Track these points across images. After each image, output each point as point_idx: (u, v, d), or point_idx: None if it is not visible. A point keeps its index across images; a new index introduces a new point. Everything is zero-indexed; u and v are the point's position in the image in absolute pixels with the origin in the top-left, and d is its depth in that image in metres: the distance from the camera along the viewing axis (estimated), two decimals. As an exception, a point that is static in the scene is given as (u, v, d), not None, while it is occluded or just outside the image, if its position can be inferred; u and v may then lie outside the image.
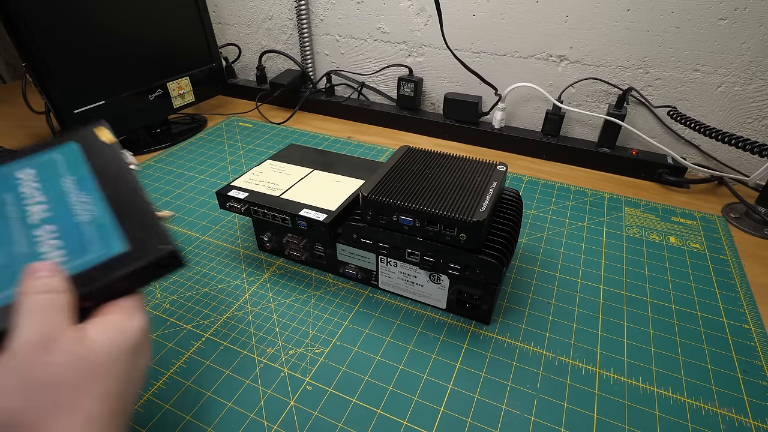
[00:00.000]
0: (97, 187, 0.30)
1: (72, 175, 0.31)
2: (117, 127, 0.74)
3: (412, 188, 0.41)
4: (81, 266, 0.26)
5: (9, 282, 0.24)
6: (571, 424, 0.35)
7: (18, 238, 0.27)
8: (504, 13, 0.72)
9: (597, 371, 0.39)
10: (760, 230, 0.57)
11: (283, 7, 0.90)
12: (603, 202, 0.63)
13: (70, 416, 0.22)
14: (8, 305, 0.23)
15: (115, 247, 0.27)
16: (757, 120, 0.65)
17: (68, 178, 0.31)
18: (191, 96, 0.83)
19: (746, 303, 0.47)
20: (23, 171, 0.31)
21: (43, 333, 0.22)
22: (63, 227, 0.28)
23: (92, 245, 0.27)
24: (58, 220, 0.28)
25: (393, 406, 0.37)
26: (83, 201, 0.30)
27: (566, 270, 0.51)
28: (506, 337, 0.43)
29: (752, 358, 0.41)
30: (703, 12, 0.61)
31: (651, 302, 0.47)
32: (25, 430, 0.21)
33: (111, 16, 0.67)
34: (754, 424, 0.35)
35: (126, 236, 0.28)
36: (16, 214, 0.28)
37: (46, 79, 0.61)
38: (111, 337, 0.24)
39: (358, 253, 0.46)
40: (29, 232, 0.27)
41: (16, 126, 0.86)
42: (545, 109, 0.74)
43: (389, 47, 0.85)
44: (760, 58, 0.61)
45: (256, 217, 0.47)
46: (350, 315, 0.45)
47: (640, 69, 0.68)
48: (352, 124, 0.88)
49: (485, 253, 0.38)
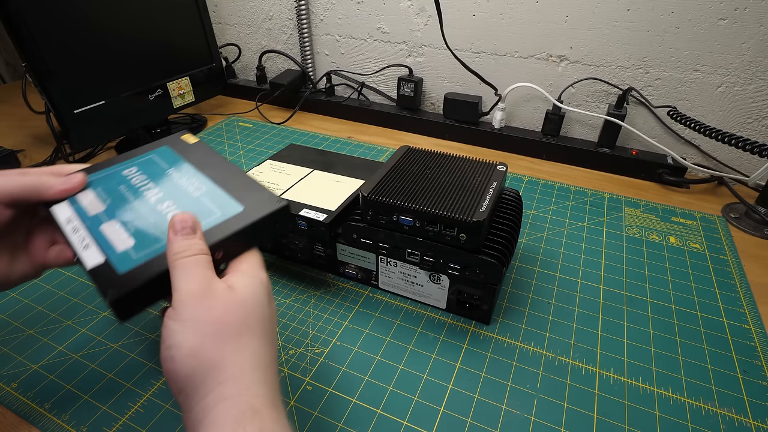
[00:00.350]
0: (199, 172, 0.36)
1: (173, 167, 0.36)
2: (117, 127, 0.74)
3: (412, 188, 0.41)
4: (207, 226, 0.30)
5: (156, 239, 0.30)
6: (571, 424, 0.35)
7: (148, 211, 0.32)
8: (504, 13, 0.72)
9: (597, 371, 0.39)
10: (760, 230, 0.57)
11: (283, 7, 0.90)
12: (603, 202, 0.63)
13: (239, 351, 0.25)
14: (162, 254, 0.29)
15: (233, 209, 0.32)
16: (757, 120, 0.65)
17: (171, 169, 0.36)
18: (191, 96, 0.83)
19: (746, 303, 0.47)
20: (128, 170, 0.36)
21: (201, 284, 0.26)
22: (181, 202, 0.33)
23: (212, 210, 0.32)
24: (174, 198, 0.33)
25: (393, 406, 0.37)
26: (191, 182, 0.35)
27: (566, 270, 0.51)
28: (506, 337, 0.43)
29: (752, 358, 0.41)
30: (703, 12, 0.61)
31: (651, 302, 0.46)
32: (207, 368, 0.24)
33: (111, 16, 0.67)
34: (754, 424, 0.35)
35: (239, 200, 0.33)
36: (138, 197, 0.33)
37: (46, 79, 0.61)
38: (253, 284, 0.28)
39: (358, 253, 0.46)
40: (155, 207, 0.32)
41: (16, 126, 0.86)
42: (545, 109, 0.74)
43: (389, 47, 0.85)
44: (760, 58, 0.61)
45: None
46: (350, 315, 0.45)
47: (640, 69, 0.68)
48: (352, 124, 0.88)
49: (485, 253, 0.38)
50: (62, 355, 0.41)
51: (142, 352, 0.41)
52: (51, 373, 0.39)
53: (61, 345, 0.42)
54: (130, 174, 0.36)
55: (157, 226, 0.31)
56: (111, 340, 0.42)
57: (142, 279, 0.28)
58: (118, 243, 0.30)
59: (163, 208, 0.32)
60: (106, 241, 0.30)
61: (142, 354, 0.41)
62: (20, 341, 0.42)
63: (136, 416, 0.36)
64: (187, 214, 0.29)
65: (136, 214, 0.32)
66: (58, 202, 0.33)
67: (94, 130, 0.69)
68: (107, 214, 0.32)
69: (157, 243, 0.30)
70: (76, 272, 0.50)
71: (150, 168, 0.36)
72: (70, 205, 0.33)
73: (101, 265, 0.29)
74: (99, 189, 0.34)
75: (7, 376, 0.39)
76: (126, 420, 0.35)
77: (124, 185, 0.35)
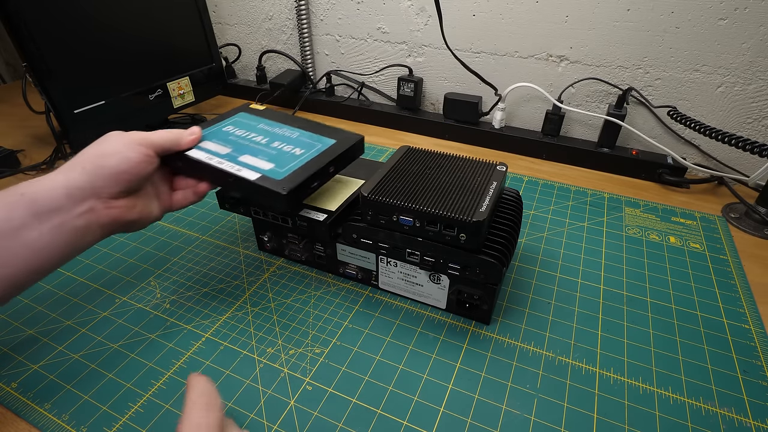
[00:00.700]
0: (283, 125, 0.46)
1: (261, 123, 0.47)
2: (117, 127, 0.74)
3: (412, 188, 0.41)
4: (316, 152, 0.42)
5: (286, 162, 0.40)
6: (571, 424, 0.35)
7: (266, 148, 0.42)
8: (504, 13, 0.72)
9: (597, 371, 0.39)
10: (760, 230, 0.57)
11: (283, 7, 0.90)
12: (603, 202, 0.63)
13: None
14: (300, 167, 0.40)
15: (328, 142, 0.44)
16: (757, 120, 0.65)
17: (261, 124, 0.47)
18: (191, 96, 0.83)
19: (746, 303, 0.47)
20: (226, 126, 0.46)
21: None
22: (287, 142, 0.44)
23: (313, 144, 0.43)
24: (280, 140, 0.44)
25: (393, 406, 0.37)
26: (283, 130, 0.46)
27: (566, 270, 0.51)
28: (506, 337, 0.43)
29: (752, 358, 0.41)
30: (703, 12, 0.61)
31: (651, 302, 0.46)
32: None
33: (111, 16, 0.67)
34: (754, 424, 0.35)
35: (329, 137, 0.44)
36: (250, 141, 0.43)
37: (46, 79, 0.61)
38: None
39: (358, 253, 0.46)
40: (269, 146, 0.43)
41: (16, 126, 0.87)
42: (545, 109, 0.74)
43: (389, 47, 0.85)
44: (760, 58, 0.61)
45: (256, 217, 0.47)
46: (350, 315, 0.45)
47: (640, 69, 0.68)
48: (352, 124, 0.88)
49: (485, 253, 0.38)
50: (62, 355, 0.41)
51: (142, 352, 0.41)
52: (51, 373, 0.39)
53: (61, 345, 0.42)
54: (230, 130, 0.45)
55: (281, 155, 0.41)
56: (111, 340, 0.42)
57: (300, 179, 0.38)
58: (261, 165, 0.40)
59: (276, 146, 0.43)
60: (251, 166, 0.40)
61: (142, 354, 0.41)
62: (20, 341, 0.42)
63: (136, 416, 0.36)
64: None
65: (259, 151, 0.42)
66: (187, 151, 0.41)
67: (94, 130, 0.69)
68: (236, 153, 0.41)
69: (290, 164, 0.40)
70: (76, 272, 0.50)
71: (243, 125, 0.46)
72: (199, 151, 0.41)
73: (260, 177, 0.38)
74: (214, 140, 0.43)
75: (7, 376, 0.39)
76: (126, 420, 0.35)
77: (232, 136, 0.44)
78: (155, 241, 0.55)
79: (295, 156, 0.41)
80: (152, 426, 0.35)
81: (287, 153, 0.42)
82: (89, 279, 0.49)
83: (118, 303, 0.46)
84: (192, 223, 0.58)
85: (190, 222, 0.59)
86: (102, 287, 0.48)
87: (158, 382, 0.38)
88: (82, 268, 0.50)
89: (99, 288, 0.48)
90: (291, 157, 0.41)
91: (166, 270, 0.50)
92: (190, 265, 0.51)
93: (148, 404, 0.37)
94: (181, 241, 0.55)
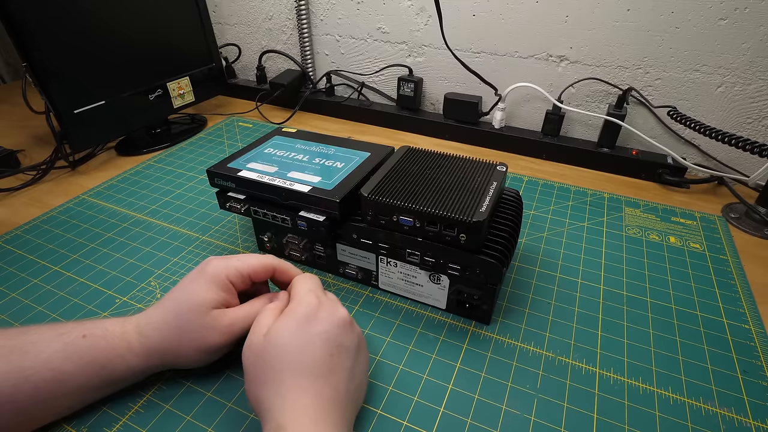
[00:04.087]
0: (318, 143, 0.52)
1: (297, 144, 0.52)
2: (117, 127, 0.74)
3: (412, 188, 0.41)
4: (355, 165, 0.47)
5: (330, 176, 0.44)
6: (571, 424, 0.35)
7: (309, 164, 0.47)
8: (504, 13, 0.72)
9: (597, 371, 0.39)
10: (760, 230, 0.57)
11: (283, 7, 0.90)
12: (603, 202, 0.63)
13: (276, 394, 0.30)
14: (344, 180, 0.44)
15: (363, 155, 0.49)
16: (757, 120, 0.65)
17: (297, 144, 0.52)
18: (191, 96, 0.83)
19: (746, 303, 0.47)
20: (266, 149, 0.50)
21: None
22: (327, 157, 0.48)
23: (350, 158, 0.48)
24: (320, 156, 0.49)
25: (393, 406, 0.37)
26: (320, 148, 0.50)
27: (566, 270, 0.51)
28: (506, 337, 0.43)
29: (752, 358, 0.41)
30: (703, 12, 0.61)
31: (651, 302, 0.47)
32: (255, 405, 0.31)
33: (111, 16, 0.67)
34: (754, 424, 0.35)
35: (363, 150, 0.50)
36: (293, 160, 0.48)
37: (46, 79, 0.61)
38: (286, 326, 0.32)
39: (358, 253, 0.46)
40: (311, 162, 0.47)
41: (16, 126, 0.87)
42: (545, 109, 0.74)
43: (389, 47, 0.85)
44: (760, 58, 0.61)
45: (256, 218, 0.47)
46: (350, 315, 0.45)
47: (640, 69, 0.68)
48: (352, 124, 0.88)
49: (485, 253, 0.38)
50: (62, 355, 0.41)
51: (142, 352, 0.41)
52: (51, 373, 0.39)
53: (61, 345, 0.42)
54: (271, 151, 0.50)
55: (325, 169, 0.46)
56: (111, 340, 0.42)
57: (348, 188, 0.42)
58: (310, 179, 0.44)
59: (317, 162, 0.47)
60: (301, 180, 0.43)
61: (142, 354, 0.41)
62: (20, 341, 0.42)
63: (136, 416, 0.36)
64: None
65: (304, 167, 0.46)
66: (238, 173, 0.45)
67: (94, 130, 0.69)
68: (284, 170, 0.45)
69: (335, 176, 0.44)
70: (76, 272, 0.50)
71: (282, 146, 0.51)
72: (249, 172, 0.45)
73: (312, 189, 0.42)
74: (258, 161, 0.47)
75: (7, 376, 0.39)
76: (126, 420, 0.35)
77: (275, 157, 0.48)
78: (155, 241, 0.55)
79: (338, 169, 0.46)
80: (152, 426, 0.35)
81: (330, 167, 0.46)
82: (89, 279, 0.49)
83: (118, 303, 0.46)
84: (192, 223, 0.58)
85: (190, 222, 0.59)
86: (102, 287, 0.48)
87: (158, 382, 0.38)
88: (82, 269, 0.51)
89: (99, 288, 0.48)
90: (335, 170, 0.45)
91: (166, 270, 0.50)
92: (190, 265, 0.51)
93: (148, 404, 0.37)
94: (181, 241, 0.55)
